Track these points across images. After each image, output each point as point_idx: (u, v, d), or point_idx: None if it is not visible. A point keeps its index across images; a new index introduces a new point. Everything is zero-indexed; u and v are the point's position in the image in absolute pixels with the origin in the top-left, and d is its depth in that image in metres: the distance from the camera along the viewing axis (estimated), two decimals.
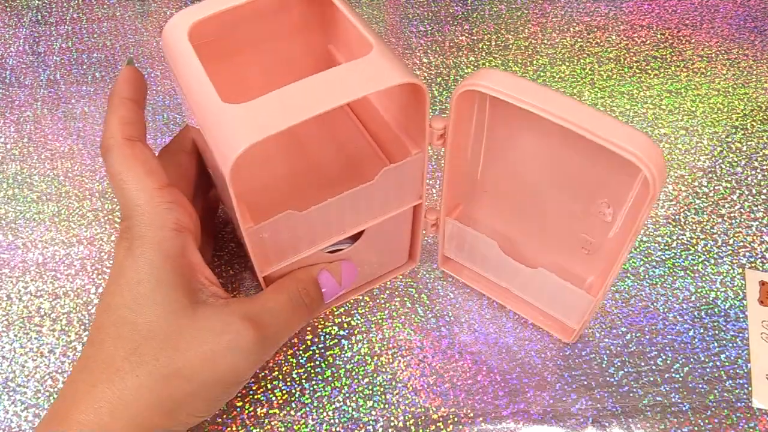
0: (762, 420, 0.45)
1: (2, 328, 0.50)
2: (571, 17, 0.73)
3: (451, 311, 0.50)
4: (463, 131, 0.43)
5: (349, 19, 0.41)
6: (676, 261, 0.53)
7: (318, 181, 0.48)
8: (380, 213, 0.44)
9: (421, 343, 0.49)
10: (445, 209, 0.47)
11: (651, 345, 0.48)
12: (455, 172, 0.45)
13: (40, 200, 0.58)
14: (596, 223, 0.43)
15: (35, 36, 0.73)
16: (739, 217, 0.55)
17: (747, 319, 0.49)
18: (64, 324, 0.50)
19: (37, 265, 0.54)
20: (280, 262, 0.42)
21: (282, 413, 0.45)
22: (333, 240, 0.44)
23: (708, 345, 0.48)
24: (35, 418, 0.46)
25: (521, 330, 0.49)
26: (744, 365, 0.47)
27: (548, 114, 0.35)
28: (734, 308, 0.50)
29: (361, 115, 0.51)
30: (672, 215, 0.56)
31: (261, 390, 0.46)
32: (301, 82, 0.35)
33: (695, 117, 0.63)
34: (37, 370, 0.48)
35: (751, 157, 0.59)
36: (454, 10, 0.74)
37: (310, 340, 0.49)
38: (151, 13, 0.75)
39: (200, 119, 0.37)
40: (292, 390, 0.46)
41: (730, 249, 0.53)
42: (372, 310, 0.50)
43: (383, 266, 0.51)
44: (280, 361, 0.48)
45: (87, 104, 0.66)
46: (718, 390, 0.46)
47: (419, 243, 0.50)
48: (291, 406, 0.46)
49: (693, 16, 0.72)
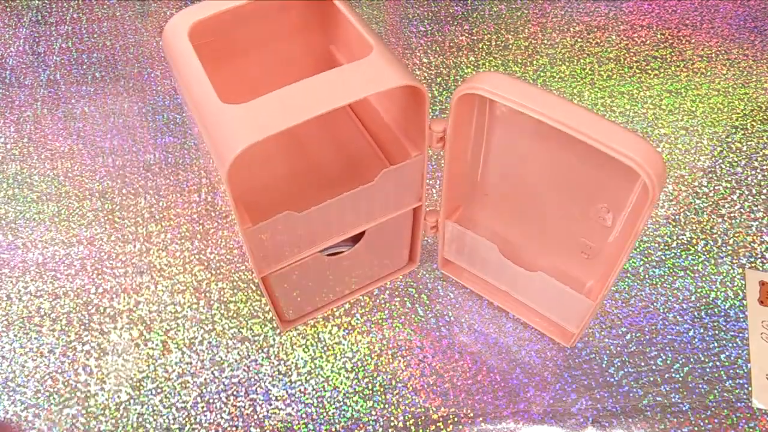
0: (762, 420, 0.45)
1: (2, 328, 0.50)
2: (571, 17, 0.72)
3: (451, 311, 0.50)
4: (463, 134, 0.43)
5: (349, 19, 0.41)
6: (676, 261, 0.53)
7: (318, 181, 0.48)
8: (380, 214, 0.44)
9: (421, 344, 0.49)
10: (444, 211, 0.47)
11: (651, 345, 0.48)
12: (455, 174, 0.45)
13: (40, 200, 0.58)
14: (596, 228, 0.43)
15: (35, 36, 0.73)
16: (739, 217, 0.55)
17: (747, 319, 0.49)
18: (64, 324, 0.50)
19: (37, 265, 0.54)
20: (279, 264, 0.42)
21: (282, 413, 0.46)
22: (332, 241, 0.44)
23: (708, 345, 0.48)
24: (35, 418, 0.46)
25: (521, 330, 0.49)
26: (744, 365, 0.47)
27: (548, 118, 0.35)
28: (734, 308, 0.50)
29: (361, 116, 0.51)
30: (672, 215, 0.56)
31: (261, 390, 0.47)
32: (300, 83, 0.35)
33: (695, 117, 0.63)
34: (37, 370, 0.48)
35: (751, 157, 0.59)
36: (454, 10, 0.74)
37: (311, 341, 0.49)
38: (151, 13, 0.75)
39: (199, 119, 0.37)
40: (293, 390, 0.47)
41: (730, 249, 0.53)
42: (372, 310, 0.50)
43: (383, 268, 0.51)
44: (281, 361, 0.48)
45: (87, 104, 0.66)
46: (718, 390, 0.46)
47: (419, 245, 0.50)
48: (291, 407, 0.46)
49: (693, 16, 0.72)
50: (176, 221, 0.56)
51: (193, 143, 0.62)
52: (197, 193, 0.58)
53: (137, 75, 0.68)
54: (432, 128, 0.40)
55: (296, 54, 0.51)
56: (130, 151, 0.61)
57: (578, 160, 0.40)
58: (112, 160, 0.61)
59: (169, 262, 0.53)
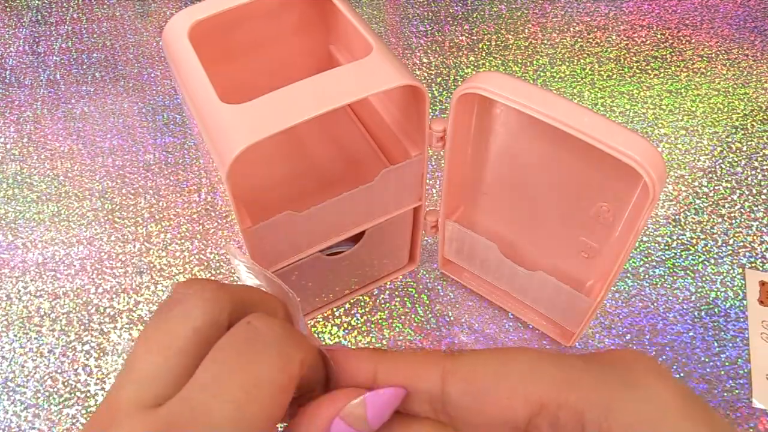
0: (762, 420, 0.45)
1: (2, 328, 0.50)
2: (571, 17, 0.72)
3: (451, 311, 0.50)
4: (463, 133, 0.43)
5: (349, 19, 0.41)
6: (676, 261, 0.53)
7: (318, 181, 0.48)
8: (380, 214, 0.44)
9: (421, 344, 0.49)
10: (445, 211, 0.47)
11: (651, 345, 0.48)
12: (455, 174, 0.45)
13: (40, 200, 0.58)
14: (596, 227, 0.43)
15: (35, 36, 0.73)
16: (739, 217, 0.55)
17: (747, 319, 0.49)
18: (64, 324, 0.50)
19: (37, 265, 0.54)
20: (279, 263, 0.42)
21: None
22: (332, 241, 0.44)
23: (708, 345, 0.48)
24: (35, 418, 0.46)
25: (521, 330, 0.49)
26: (744, 365, 0.47)
27: (548, 118, 0.35)
28: (734, 308, 0.50)
29: (361, 115, 0.51)
30: (672, 215, 0.56)
31: None
32: (300, 83, 0.35)
33: (695, 117, 0.63)
34: (36, 370, 0.48)
35: (751, 157, 0.59)
36: (454, 10, 0.74)
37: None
38: (151, 13, 0.75)
39: (199, 119, 0.37)
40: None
41: (730, 249, 0.53)
42: (372, 310, 0.50)
43: (383, 268, 0.51)
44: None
45: (87, 104, 0.66)
46: (718, 390, 0.46)
47: (419, 245, 0.50)
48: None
49: (693, 16, 0.72)
50: (176, 221, 0.56)
51: (193, 143, 0.62)
52: (197, 193, 0.58)
53: (137, 75, 0.68)
54: (432, 128, 0.40)
55: (296, 54, 0.51)
56: (129, 151, 0.61)
57: (578, 160, 0.40)
58: (112, 160, 0.61)
59: (169, 262, 0.53)
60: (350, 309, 0.51)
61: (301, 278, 0.45)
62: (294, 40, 0.50)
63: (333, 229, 0.43)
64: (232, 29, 0.46)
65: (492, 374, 0.22)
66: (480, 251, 0.47)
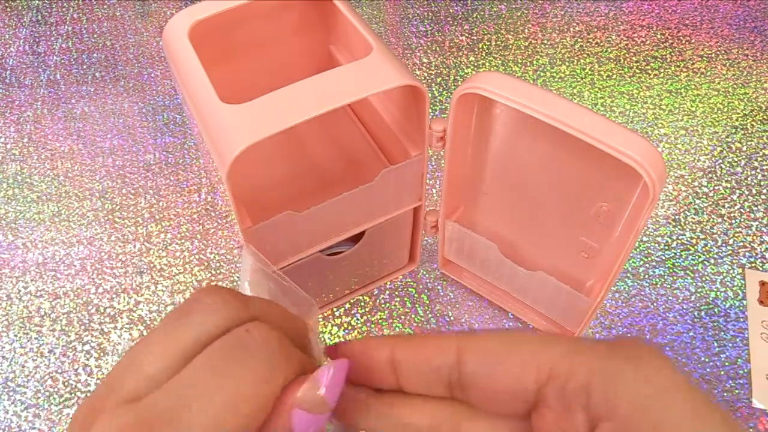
0: (762, 420, 0.45)
1: (2, 328, 0.50)
2: (571, 17, 0.72)
3: (451, 311, 0.50)
4: (463, 133, 0.43)
5: (349, 20, 0.41)
6: (676, 261, 0.53)
7: (318, 181, 0.48)
8: (380, 214, 0.44)
9: None
10: (445, 211, 0.47)
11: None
12: (455, 174, 0.45)
13: (40, 200, 0.58)
14: (596, 227, 0.43)
15: (35, 36, 0.73)
16: (739, 217, 0.55)
17: (747, 319, 0.49)
18: (64, 324, 0.50)
19: (37, 265, 0.54)
20: (279, 263, 0.42)
21: None
22: (332, 241, 0.44)
23: (708, 345, 0.48)
24: (35, 418, 0.46)
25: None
26: (744, 365, 0.47)
27: (548, 118, 0.35)
28: (734, 308, 0.50)
29: (361, 115, 0.51)
30: (672, 215, 0.56)
31: None
32: (300, 83, 0.35)
33: (695, 117, 0.63)
34: (37, 370, 0.48)
35: (751, 157, 0.59)
36: (454, 10, 0.74)
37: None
38: (151, 13, 0.75)
39: (200, 119, 0.37)
40: None
41: (730, 249, 0.53)
42: (372, 310, 0.50)
43: (384, 268, 0.51)
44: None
45: (87, 104, 0.66)
46: (718, 390, 0.46)
47: (419, 245, 0.50)
48: None
49: (693, 16, 0.72)
50: (176, 221, 0.56)
51: (193, 143, 0.62)
52: (197, 193, 0.58)
53: (137, 75, 0.68)
54: (432, 128, 0.40)
55: (296, 54, 0.51)
56: (130, 151, 0.61)
57: (578, 160, 0.40)
58: (112, 160, 0.61)
59: (169, 262, 0.53)
60: (350, 309, 0.51)
61: (301, 278, 0.45)
62: (294, 40, 0.50)
63: (333, 229, 0.43)
64: (232, 29, 0.46)
65: (505, 346, 0.23)
66: (480, 251, 0.47)
